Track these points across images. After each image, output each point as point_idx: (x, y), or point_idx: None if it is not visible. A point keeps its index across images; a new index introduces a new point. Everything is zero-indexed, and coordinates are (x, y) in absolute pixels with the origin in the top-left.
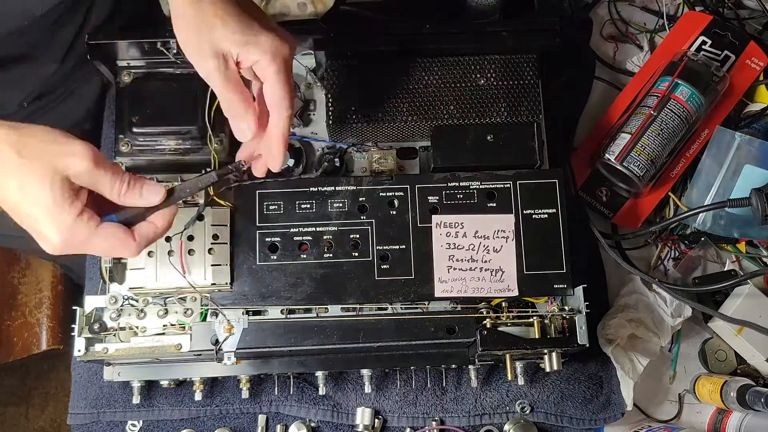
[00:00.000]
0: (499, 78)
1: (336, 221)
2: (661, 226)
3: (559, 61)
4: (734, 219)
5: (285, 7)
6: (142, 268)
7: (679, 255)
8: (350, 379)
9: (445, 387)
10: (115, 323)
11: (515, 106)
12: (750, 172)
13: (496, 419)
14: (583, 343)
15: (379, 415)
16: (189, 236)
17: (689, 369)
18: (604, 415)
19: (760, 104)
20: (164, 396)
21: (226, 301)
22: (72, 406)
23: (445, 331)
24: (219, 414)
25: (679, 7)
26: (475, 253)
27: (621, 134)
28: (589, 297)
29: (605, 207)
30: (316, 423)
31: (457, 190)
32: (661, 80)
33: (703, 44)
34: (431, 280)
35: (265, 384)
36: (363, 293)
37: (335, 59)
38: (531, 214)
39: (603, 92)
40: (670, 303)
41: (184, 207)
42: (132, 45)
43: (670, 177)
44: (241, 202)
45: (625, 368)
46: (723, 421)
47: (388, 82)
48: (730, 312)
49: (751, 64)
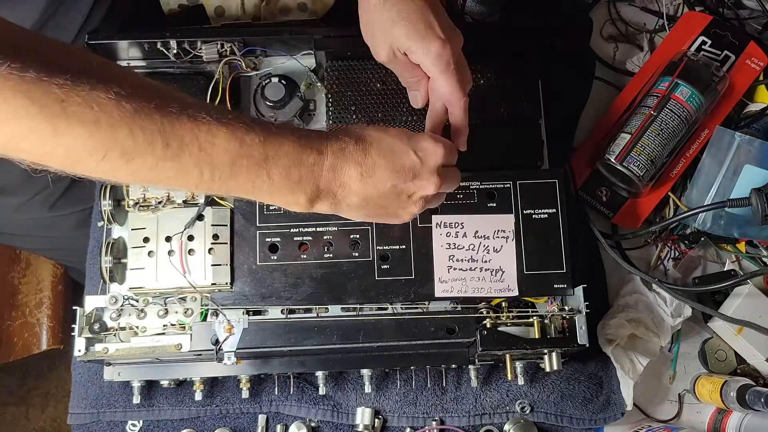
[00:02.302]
0: (499, 78)
1: (336, 221)
2: (661, 226)
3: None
4: (734, 219)
5: (285, 7)
6: (143, 268)
7: (679, 255)
8: (350, 379)
9: (445, 387)
10: (115, 323)
11: (515, 106)
12: (750, 172)
13: (496, 419)
14: (583, 343)
15: (379, 415)
16: (189, 236)
17: (689, 369)
18: (604, 415)
19: (760, 104)
20: (164, 396)
21: (226, 301)
22: (72, 406)
23: (445, 331)
24: (219, 414)
25: (679, 7)
26: (475, 253)
27: (621, 134)
28: (589, 297)
29: (605, 207)
30: (316, 423)
31: (457, 190)
32: (661, 80)
33: (703, 44)
34: (431, 280)
35: (265, 384)
36: (363, 293)
37: (335, 59)
38: (531, 214)
39: (603, 92)
40: (670, 303)
41: (184, 207)
42: (132, 45)
43: (670, 177)
44: (241, 202)
45: (625, 368)
46: (723, 421)
47: (388, 82)
48: (730, 312)
49: (751, 64)
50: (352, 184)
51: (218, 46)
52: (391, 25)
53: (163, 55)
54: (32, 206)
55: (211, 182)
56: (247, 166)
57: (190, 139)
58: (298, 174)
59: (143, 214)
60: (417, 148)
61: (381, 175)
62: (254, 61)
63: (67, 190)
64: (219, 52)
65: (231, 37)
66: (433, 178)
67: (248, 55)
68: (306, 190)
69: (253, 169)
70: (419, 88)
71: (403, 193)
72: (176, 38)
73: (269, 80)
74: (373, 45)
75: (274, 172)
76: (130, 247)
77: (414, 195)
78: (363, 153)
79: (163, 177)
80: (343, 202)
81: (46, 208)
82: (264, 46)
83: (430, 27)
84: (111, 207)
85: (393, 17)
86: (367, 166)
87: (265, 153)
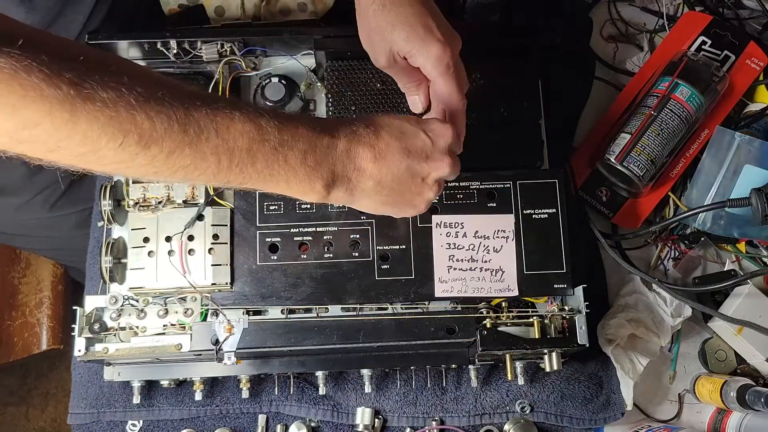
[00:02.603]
0: (499, 78)
1: (336, 221)
2: (661, 226)
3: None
4: (734, 219)
5: (285, 7)
6: (143, 268)
7: (679, 255)
8: (350, 379)
9: (445, 387)
10: (115, 323)
11: (515, 106)
12: (750, 172)
13: (496, 419)
14: (583, 343)
15: (379, 415)
16: (189, 236)
17: (689, 369)
18: (604, 415)
19: (760, 104)
20: (164, 396)
21: (226, 301)
22: (72, 406)
23: (445, 331)
24: (219, 414)
25: (679, 7)
26: (475, 253)
27: (621, 134)
28: (589, 297)
29: (605, 207)
30: (316, 423)
31: (457, 190)
32: (661, 80)
33: (703, 44)
34: (431, 280)
35: (265, 384)
36: (363, 293)
37: (335, 59)
38: (531, 214)
39: (603, 92)
40: (670, 303)
41: (184, 207)
42: (132, 45)
43: (670, 177)
44: (241, 202)
45: (625, 368)
46: (723, 421)
47: (388, 82)
48: (730, 312)
49: (751, 64)
50: (366, 166)
51: (218, 46)
52: (391, 30)
53: (163, 55)
54: (33, 206)
55: (228, 171)
56: (264, 152)
57: (206, 124)
58: (313, 158)
59: (143, 214)
60: (427, 129)
61: (394, 156)
62: (254, 61)
63: (68, 191)
64: (219, 52)
65: (231, 37)
66: (446, 158)
67: (248, 55)
68: (322, 175)
69: (270, 155)
70: (419, 92)
71: (417, 175)
72: (176, 38)
73: (269, 80)
74: (372, 51)
75: (291, 157)
76: (130, 247)
77: (429, 177)
78: (374, 135)
79: (180, 165)
80: (357, 187)
81: (47, 209)
82: (264, 46)
83: (430, 30)
84: (111, 207)
85: (392, 21)
86: (379, 148)
87: (281, 138)
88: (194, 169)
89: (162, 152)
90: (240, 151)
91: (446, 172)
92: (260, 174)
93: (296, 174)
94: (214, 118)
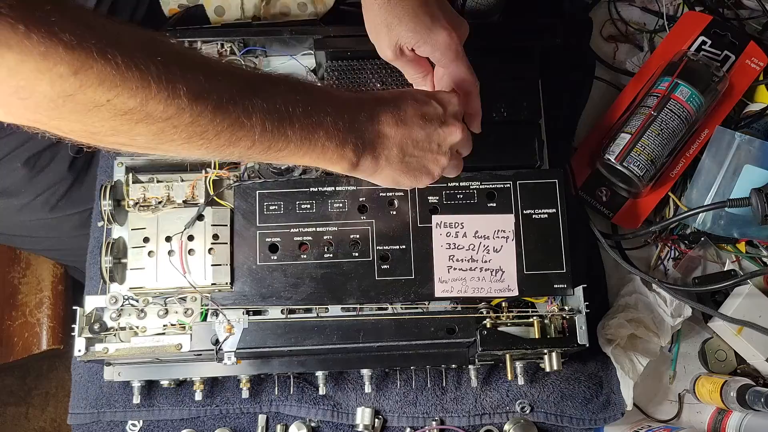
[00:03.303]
0: (499, 78)
1: (336, 221)
2: (661, 226)
3: (559, 61)
4: (734, 219)
5: (285, 7)
6: (143, 268)
7: (679, 255)
8: (350, 379)
9: (445, 387)
10: (115, 323)
11: (515, 106)
12: (750, 172)
13: (496, 419)
14: (583, 343)
15: (379, 415)
16: (189, 236)
17: (689, 369)
18: (604, 415)
19: (760, 104)
20: (164, 396)
21: (226, 301)
22: (72, 406)
23: (445, 331)
24: (219, 414)
25: (679, 7)
26: (475, 253)
27: (621, 134)
28: (589, 297)
29: (605, 207)
30: (316, 423)
31: (457, 190)
32: (661, 80)
33: (703, 44)
34: (431, 280)
35: (265, 384)
36: (363, 293)
37: (335, 59)
38: (531, 214)
39: (603, 92)
40: (670, 303)
41: (184, 207)
42: None
43: (670, 177)
44: (241, 202)
45: (625, 368)
46: (723, 421)
47: (387, 82)
48: (730, 312)
49: (751, 64)
50: (389, 132)
51: (218, 46)
52: (398, 22)
53: None
54: (34, 207)
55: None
56: (300, 115)
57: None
58: (343, 124)
59: (143, 214)
60: (436, 98)
61: (413, 121)
62: (254, 61)
63: (68, 192)
64: (219, 52)
65: (231, 37)
66: (458, 123)
67: (248, 55)
68: (352, 141)
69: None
70: (426, 83)
71: (434, 141)
72: (176, 38)
73: None
74: (378, 43)
75: (324, 122)
76: (130, 247)
77: (444, 142)
78: (393, 103)
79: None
80: (382, 155)
81: (48, 210)
82: (264, 46)
83: (436, 19)
84: (111, 207)
85: (398, 14)
86: (399, 115)
87: (314, 100)
88: (232, 133)
89: (207, 109)
90: (280, 112)
91: (459, 137)
92: (298, 136)
93: (331, 140)
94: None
